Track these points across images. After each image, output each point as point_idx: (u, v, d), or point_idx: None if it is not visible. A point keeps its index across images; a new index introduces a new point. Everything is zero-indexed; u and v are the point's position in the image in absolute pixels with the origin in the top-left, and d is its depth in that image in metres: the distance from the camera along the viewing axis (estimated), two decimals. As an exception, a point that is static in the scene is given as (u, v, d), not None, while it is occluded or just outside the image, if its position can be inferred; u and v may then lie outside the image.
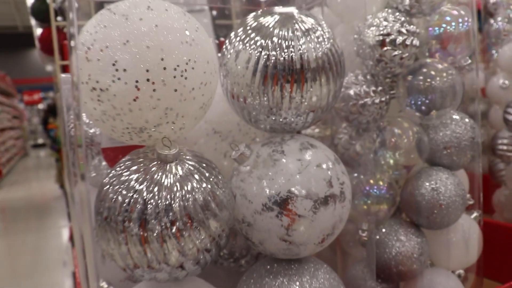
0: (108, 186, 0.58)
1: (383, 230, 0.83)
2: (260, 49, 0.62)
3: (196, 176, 0.58)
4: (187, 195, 0.56)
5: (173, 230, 0.55)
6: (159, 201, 0.55)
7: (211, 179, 0.60)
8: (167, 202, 0.55)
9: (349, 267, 0.88)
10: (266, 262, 0.70)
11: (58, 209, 6.92)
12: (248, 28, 0.65)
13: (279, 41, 0.61)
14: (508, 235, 1.09)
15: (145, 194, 0.55)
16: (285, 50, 0.61)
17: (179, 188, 0.56)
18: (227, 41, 0.68)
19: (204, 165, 0.61)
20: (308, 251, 0.65)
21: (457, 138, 0.81)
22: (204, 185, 0.58)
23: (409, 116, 0.83)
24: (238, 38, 0.65)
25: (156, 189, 0.55)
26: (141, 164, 0.58)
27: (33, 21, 1.87)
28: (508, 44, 1.24)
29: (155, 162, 0.57)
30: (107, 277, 0.80)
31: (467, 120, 0.84)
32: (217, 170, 0.63)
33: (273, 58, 0.61)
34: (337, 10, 0.80)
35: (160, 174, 0.56)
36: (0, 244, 5.37)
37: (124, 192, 0.56)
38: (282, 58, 0.60)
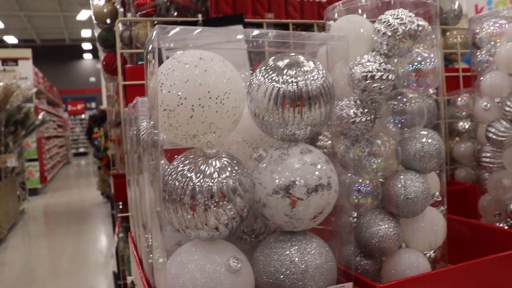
0: (170, 173, 0.87)
1: (368, 217, 1.10)
2: (274, 83, 0.90)
3: (229, 169, 0.87)
4: (222, 181, 0.84)
5: (212, 203, 0.83)
6: (203, 184, 0.83)
7: (239, 171, 0.88)
8: (208, 185, 0.84)
9: (343, 248, 1.15)
10: (275, 234, 0.98)
11: (98, 215, 7.34)
12: (268, 67, 0.94)
13: (287, 78, 0.90)
14: (470, 229, 1.34)
15: (194, 179, 0.84)
16: (290, 84, 0.89)
17: (217, 176, 0.85)
18: (253, 75, 0.96)
19: (234, 161, 0.90)
20: (304, 225, 0.93)
21: (423, 148, 1.08)
22: (234, 174, 0.86)
23: (388, 131, 1.10)
24: (260, 75, 0.94)
25: (201, 175, 0.84)
26: (191, 159, 0.88)
27: (99, 48, 2.24)
28: (489, 73, 1.48)
29: (201, 158, 0.87)
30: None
31: (432, 134, 1.10)
32: (243, 165, 0.91)
33: (282, 89, 0.89)
34: (336, 52, 1.08)
35: (204, 165, 0.85)
36: (43, 246, 5.79)
37: (179, 178, 0.85)
38: (288, 90, 0.88)
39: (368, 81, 1.04)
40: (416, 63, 1.09)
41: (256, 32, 0.99)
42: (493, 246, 1.32)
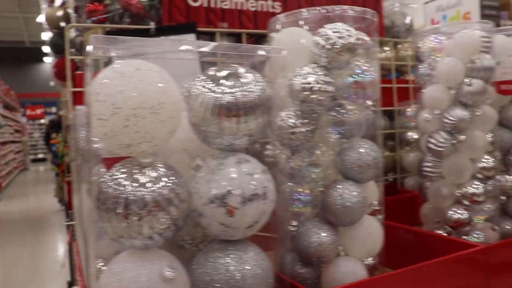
0: (105, 182, 0.87)
1: (307, 226, 1.12)
2: (211, 93, 0.91)
3: (165, 178, 0.87)
4: (157, 190, 0.85)
5: (145, 212, 0.83)
6: (138, 193, 0.84)
7: (175, 181, 0.88)
8: (142, 194, 0.84)
9: (282, 256, 1.17)
10: (213, 243, 0.98)
11: (55, 223, 7.13)
12: (207, 77, 0.95)
13: (224, 88, 0.91)
14: (412, 237, 1.39)
15: (129, 188, 0.84)
16: (227, 95, 0.90)
17: (152, 185, 0.85)
18: (192, 85, 0.97)
19: (171, 171, 0.90)
20: (240, 234, 0.94)
21: (360, 158, 1.11)
22: (169, 184, 0.87)
23: (328, 141, 1.13)
24: (199, 84, 0.95)
25: (136, 185, 0.84)
26: (127, 169, 0.88)
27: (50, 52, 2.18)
28: (430, 86, 1.55)
29: (137, 167, 0.87)
30: (102, 254, 1.09)
31: (370, 145, 1.14)
32: (180, 175, 0.91)
33: (219, 100, 0.90)
34: (277, 63, 1.11)
35: (139, 175, 0.85)
36: (-5, 255, 5.58)
37: (115, 186, 0.85)
38: (225, 100, 0.90)
39: (307, 92, 1.06)
40: (355, 75, 1.12)
41: (199, 43, 1.00)
42: (432, 252, 1.37)
